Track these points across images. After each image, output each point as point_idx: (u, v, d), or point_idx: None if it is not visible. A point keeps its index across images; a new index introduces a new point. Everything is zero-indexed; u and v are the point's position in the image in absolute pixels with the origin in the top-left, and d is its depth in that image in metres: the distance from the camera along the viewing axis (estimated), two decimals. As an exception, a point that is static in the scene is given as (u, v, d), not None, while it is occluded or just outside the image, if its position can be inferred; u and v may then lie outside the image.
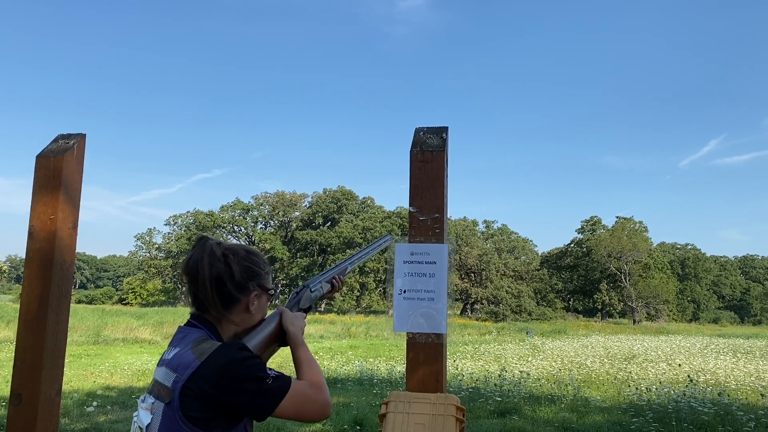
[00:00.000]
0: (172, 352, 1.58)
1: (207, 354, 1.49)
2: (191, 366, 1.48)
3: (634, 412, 9.39)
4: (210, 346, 1.53)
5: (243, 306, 1.67)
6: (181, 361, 1.51)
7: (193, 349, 1.53)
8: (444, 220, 2.22)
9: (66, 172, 2.45)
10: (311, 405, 1.58)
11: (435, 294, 2.18)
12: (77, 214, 2.52)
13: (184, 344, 1.58)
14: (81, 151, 2.56)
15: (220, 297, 1.63)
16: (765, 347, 27.71)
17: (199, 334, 1.60)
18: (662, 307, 69.05)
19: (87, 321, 30.74)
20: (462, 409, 2.03)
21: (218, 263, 1.63)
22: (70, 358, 17.47)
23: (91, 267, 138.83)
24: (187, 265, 1.65)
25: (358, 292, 65.93)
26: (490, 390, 11.46)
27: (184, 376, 1.47)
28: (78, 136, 2.58)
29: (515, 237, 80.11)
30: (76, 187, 2.53)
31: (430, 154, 2.27)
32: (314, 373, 1.67)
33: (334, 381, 13.53)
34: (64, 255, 2.44)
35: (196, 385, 1.46)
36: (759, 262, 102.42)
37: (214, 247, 1.65)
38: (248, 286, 1.67)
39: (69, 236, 2.47)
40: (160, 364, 1.61)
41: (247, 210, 78.31)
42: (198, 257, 1.64)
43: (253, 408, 1.50)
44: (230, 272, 1.64)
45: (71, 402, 9.88)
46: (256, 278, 1.70)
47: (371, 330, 37.62)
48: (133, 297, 69.26)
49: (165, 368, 1.55)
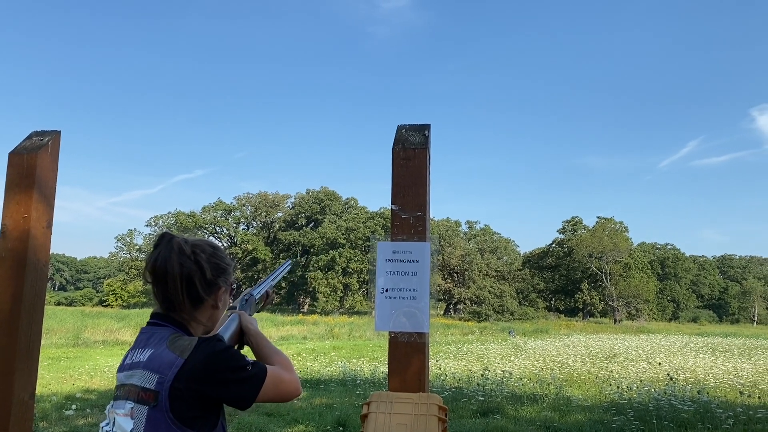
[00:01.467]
0: (146, 353, 1.54)
1: (189, 350, 1.48)
2: (175, 364, 1.46)
3: (616, 410, 9.46)
4: (189, 342, 1.51)
5: (210, 304, 1.66)
6: (162, 361, 1.48)
7: (171, 347, 1.50)
8: (426, 218, 2.20)
9: (40, 170, 2.39)
10: (287, 385, 1.62)
11: (417, 293, 2.17)
12: (52, 213, 2.47)
13: (157, 344, 1.54)
14: (56, 149, 2.50)
15: (190, 296, 1.60)
16: (743, 345, 28.14)
17: (168, 332, 1.57)
18: (642, 307, 69.76)
19: (66, 323, 30.36)
20: (444, 408, 2.01)
21: (188, 262, 1.60)
22: (49, 361, 17.22)
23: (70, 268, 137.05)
24: (154, 264, 1.61)
25: (341, 292, 65.76)
26: (472, 390, 11.48)
27: (169, 375, 1.44)
28: (52, 133, 2.52)
29: (498, 237, 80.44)
30: (51, 185, 2.48)
31: (413, 151, 2.25)
32: (282, 357, 1.72)
33: (317, 382, 13.47)
34: (38, 254, 2.38)
35: (182, 383, 1.44)
36: (737, 261, 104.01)
37: (182, 245, 1.61)
38: (217, 283, 1.66)
39: (43, 235, 2.42)
40: (131, 367, 1.56)
41: (229, 211, 77.78)
42: (166, 256, 1.59)
43: (240, 395, 1.51)
44: (201, 271, 1.61)
45: (50, 405, 9.73)
46: (224, 275, 1.69)
47: (354, 331, 37.58)
48: (113, 299, 68.50)
49: (143, 370, 1.51)
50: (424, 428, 1.93)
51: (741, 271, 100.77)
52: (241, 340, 1.82)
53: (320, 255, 67.13)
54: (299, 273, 69.92)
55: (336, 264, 64.99)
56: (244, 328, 1.81)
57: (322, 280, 64.59)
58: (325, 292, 64.13)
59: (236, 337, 1.80)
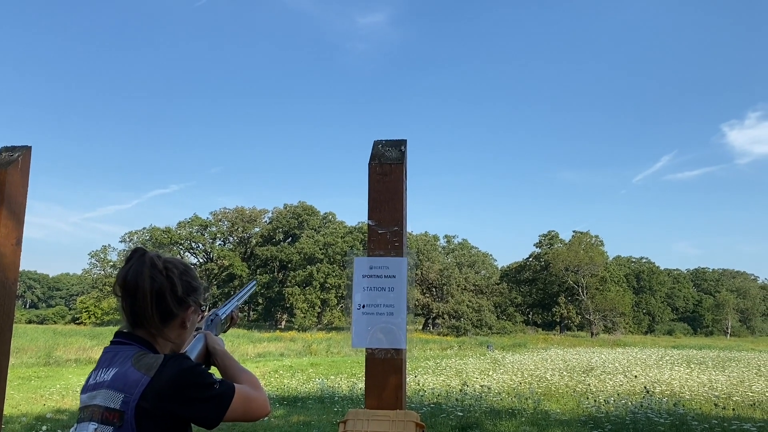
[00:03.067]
0: (110, 373, 1.50)
1: (155, 368, 1.45)
2: (141, 383, 1.43)
3: (593, 424, 9.50)
4: (155, 360, 1.48)
5: (179, 322, 1.64)
6: (127, 379, 1.45)
7: (136, 366, 1.47)
8: (403, 233, 2.20)
9: (9, 186, 2.35)
10: (255, 403, 1.60)
11: (394, 308, 2.15)
12: (21, 230, 2.41)
13: (122, 363, 1.51)
14: (26, 164, 2.46)
15: (159, 310, 1.57)
16: (717, 357, 28.50)
17: (133, 350, 1.54)
18: (619, 320, 70.41)
19: (38, 341, 29.76)
20: (422, 425, 2.00)
21: (160, 276, 1.58)
22: (19, 381, 16.81)
23: (42, 286, 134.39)
24: (125, 277, 1.58)
25: (319, 308, 65.36)
26: (451, 405, 11.45)
27: (135, 395, 1.41)
28: (23, 148, 2.47)
29: (475, 251, 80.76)
30: (20, 201, 2.42)
31: (389, 166, 2.25)
32: (250, 375, 1.71)
33: (295, 400, 13.33)
34: (6, 272, 2.33)
35: (149, 402, 1.41)
36: (710, 274, 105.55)
37: (155, 260, 1.59)
38: (188, 302, 1.64)
39: (12, 253, 2.36)
40: (94, 387, 1.52)
41: (206, 226, 77.00)
42: (138, 270, 1.57)
43: (207, 414, 1.48)
44: (172, 287, 1.59)
45: (19, 426, 9.49)
46: (194, 294, 1.68)
47: (332, 347, 37.33)
48: (86, 316, 67.17)
49: (107, 390, 1.47)
50: (402, 446, 1.92)
51: (714, 284, 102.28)
52: (207, 360, 1.81)
53: (298, 270, 66.71)
54: (276, 289, 69.39)
55: (314, 279, 64.64)
56: (211, 348, 1.80)
57: (299, 296, 64.16)
58: (303, 308, 63.68)
59: (202, 358, 1.79)
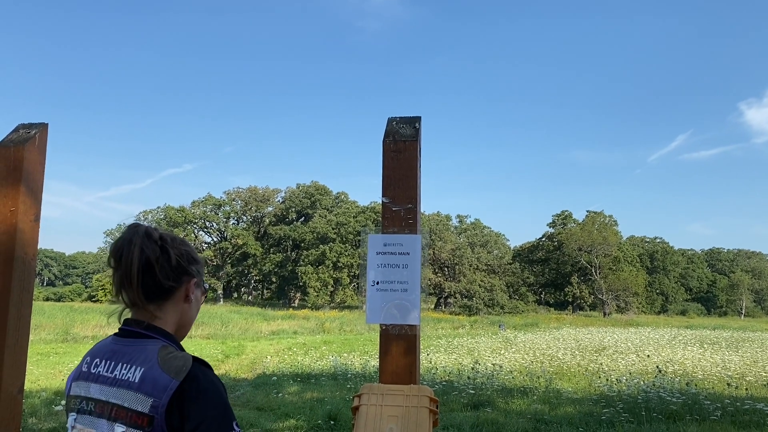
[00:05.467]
0: (134, 372, 1.40)
1: (184, 372, 1.37)
2: (169, 387, 1.35)
3: (605, 403, 9.53)
4: (183, 362, 1.40)
5: (181, 295, 1.53)
6: (156, 383, 1.36)
7: (164, 367, 1.38)
8: (417, 211, 2.20)
9: (27, 163, 2.37)
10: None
11: (408, 285, 2.16)
12: (39, 207, 2.44)
13: (146, 361, 1.41)
14: (43, 141, 2.48)
15: (144, 285, 1.47)
16: (730, 338, 28.40)
17: (156, 345, 1.45)
18: (632, 300, 70.23)
19: (55, 319, 30.17)
20: (435, 400, 2.01)
21: (153, 246, 1.47)
22: (38, 357, 17.11)
23: (59, 264, 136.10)
24: (115, 246, 1.48)
25: (332, 287, 65.73)
26: (463, 383, 11.53)
27: (163, 399, 1.34)
28: (40, 125, 2.49)
29: (488, 231, 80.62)
30: (38, 178, 2.45)
31: (403, 143, 2.24)
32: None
33: (308, 376, 13.48)
34: (25, 248, 2.36)
35: (175, 409, 1.34)
36: (724, 255, 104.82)
37: (150, 231, 1.49)
38: (189, 270, 1.54)
39: (31, 229, 2.39)
40: (113, 383, 1.42)
41: (219, 205, 77.45)
42: (129, 239, 1.46)
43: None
44: (167, 254, 1.49)
45: (39, 401, 9.67)
46: (195, 264, 1.57)
47: (345, 325, 37.60)
48: (103, 294, 68.00)
49: (135, 393, 1.38)
50: (416, 420, 1.93)
51: (729, 264, 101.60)
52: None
53: (311, 249, 67.03)
54: (290, 268, 69.80)
55: (326, 258, 64.94)
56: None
57: (312, 275, 64.54)
58: (316, 287, 64.09)
59: None
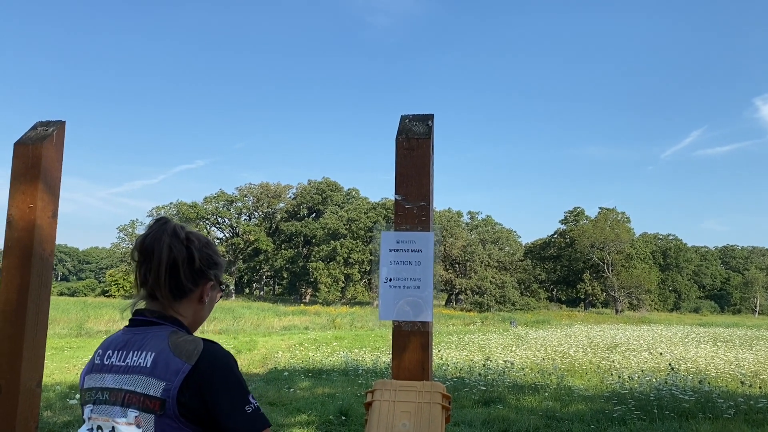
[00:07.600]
0: (145, 358, 1.44)
1: (196, 355, 1.40)
2: (182, 370, 1.38)
3: (617, 400, 9.50)
4: (194, 345, 1.43)
5: (196, 296, 1.58)
6: (168, 367, 1.39)
7: (175, 351, 1.42)
8: (430, 208, 2.21)
9: (45, 160, 2.40)
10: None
11: (421, 282, 2.17)
12: (57, 203, 2.48)
13: (157, 346, 1.44)
14: (60, 139, 2.51)
15: (171, 283, 1.52)
16: (744, 336, 28.16)
17: (165, 331, 1.49)
18: (644, 297, 69.85)
19: (69, 313, 30.49)
20: (448, 396, 2.03)
21: (179, 245, 1.52)
22: (53, 351, 17.30)
23: (73, 259, 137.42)
24: (144, 242, 1.53)
25: (342, 283, 65.87)
26: (474, 379, 11.53)
27: (175, 382, 1.37)
28: (57, 123, 2.53)
29: (499, 228, 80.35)
30: (56, 175, 2.48)
31: (416, 141, 2.25)
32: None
33: (320, 372, 13.54)
34: (43, 244, 2.40)
35: (188, 392, 1.38)
36: (738, 252, 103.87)
37: (177, 229, 1.54)
38: (207, 274, 1.59)
39: (49, 225, 2.43)
40: (126, 371, 1.45)
41: (231, 201, 77.83)
42: (158, 236, 1.52)
43: (242, 426, 1.39)
44: (190, 258, 1.53)
45: (54, 395, 9.79)
46: (215, 267, 1.62)
47: (356, 321, 37.68)
48: (116, 289, 68.64)
49: (147, 378, 1.41)
50: (428, 416, 1.95)
51: (743, 261, 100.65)
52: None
53: (322, 245, 67.21)
54: (301, 264, 70.05)
55: (338, 254, 65.09)
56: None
57: (323, 271, 64.73)
58: (327, 283, 64.27)
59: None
